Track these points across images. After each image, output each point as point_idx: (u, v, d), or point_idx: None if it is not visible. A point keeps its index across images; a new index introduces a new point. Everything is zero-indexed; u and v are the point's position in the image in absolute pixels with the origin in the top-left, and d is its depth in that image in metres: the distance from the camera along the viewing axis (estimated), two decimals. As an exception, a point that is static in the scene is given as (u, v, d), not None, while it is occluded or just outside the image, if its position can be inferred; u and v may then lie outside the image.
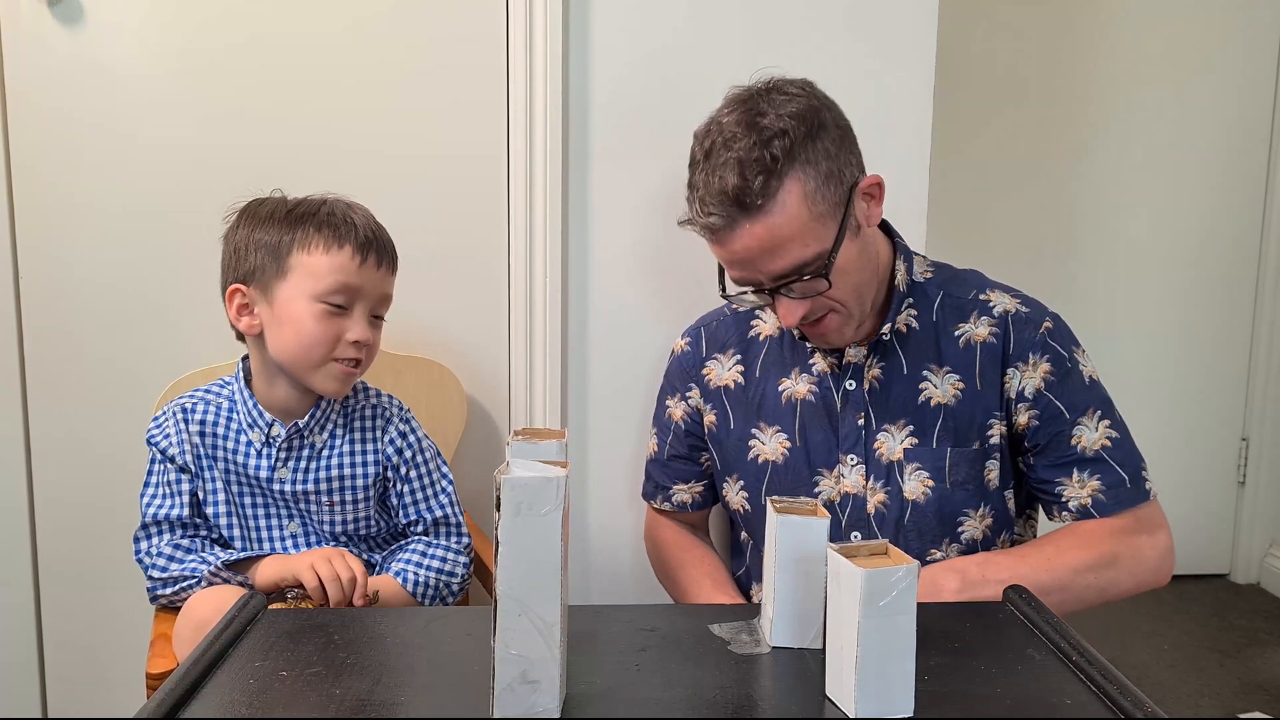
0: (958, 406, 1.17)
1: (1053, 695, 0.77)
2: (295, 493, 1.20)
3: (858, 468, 1.19)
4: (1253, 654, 2.19)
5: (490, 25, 1.48)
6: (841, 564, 0.74)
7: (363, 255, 1.16)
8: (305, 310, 1.15)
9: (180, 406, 1.21)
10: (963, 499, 1.18)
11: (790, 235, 1.07)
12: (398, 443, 1.23)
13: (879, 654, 0.72)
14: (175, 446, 1.19)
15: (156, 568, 1.17)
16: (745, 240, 1.08)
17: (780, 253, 1.08)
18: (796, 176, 1.06)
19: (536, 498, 0.70)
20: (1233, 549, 2.59)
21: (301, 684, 0.77)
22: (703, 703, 0.75)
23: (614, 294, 1.53)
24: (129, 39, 1.44)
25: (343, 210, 1.18)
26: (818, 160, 1.08)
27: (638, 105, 1.48)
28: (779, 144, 1.06)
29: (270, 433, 1.19)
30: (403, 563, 1.22)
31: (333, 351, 1.16)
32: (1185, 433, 2.54)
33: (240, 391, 1.21)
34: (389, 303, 1.22)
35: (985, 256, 1.40)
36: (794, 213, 1.07)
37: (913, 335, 1.19)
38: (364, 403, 1.25)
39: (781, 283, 1.10)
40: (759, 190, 1.05)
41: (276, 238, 1.16)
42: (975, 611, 0.96)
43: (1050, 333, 1.18)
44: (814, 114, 1.09)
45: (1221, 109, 2.46)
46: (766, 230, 1.07)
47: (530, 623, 0.71)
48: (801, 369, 1.23)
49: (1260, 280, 2.52)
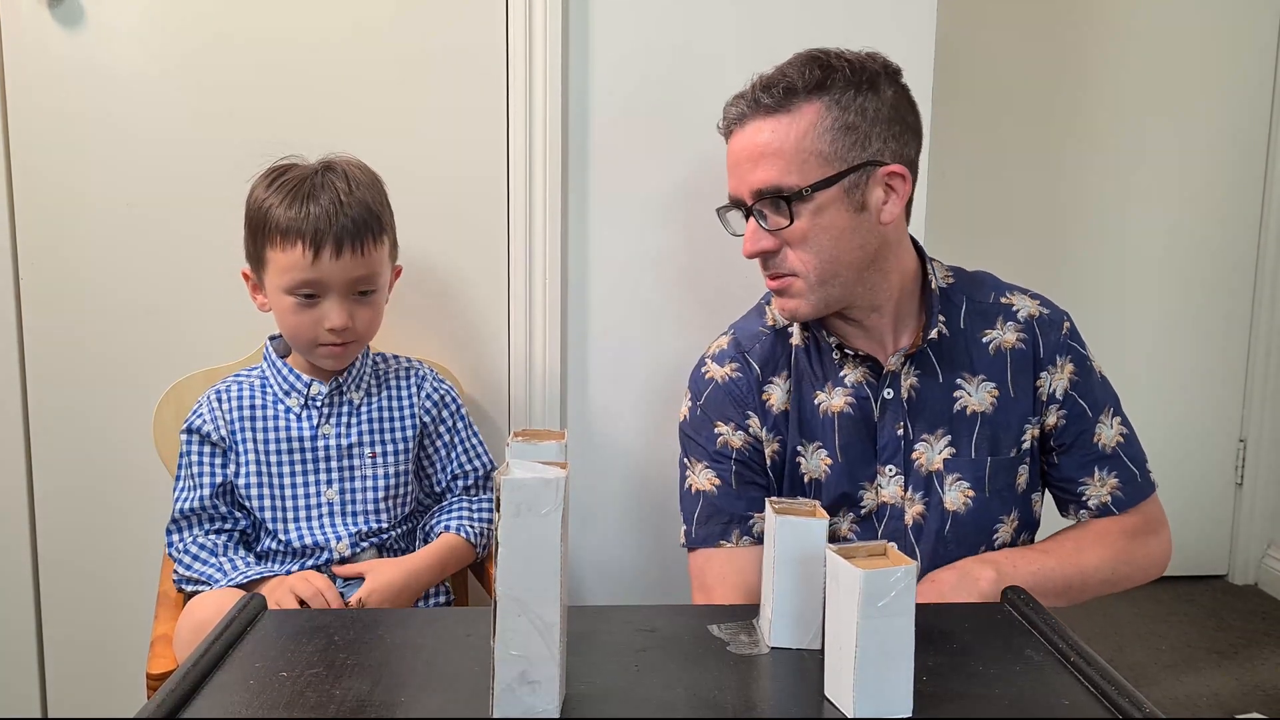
0: (995, 415, 1.17)
1: (1051, 696, 0.77)
2: (340, 448, 1.23)
3: (896, 478, 1.17)
4: (1250, 655, 2.20)
5: (490, 27, 1.48)
6: (840, 565, 0.74)
7: (315, 250, 1.15)
8: (282, 302, 1.19)
9: (215, 392, 1.25)
10: (999, 506, 1.18)
11: (780, 149, 1.08)
12: (434, 397, 1.30)
13: (878, 654, 0.73)
14: (210, 424, 1.22)
15: (182, 564, 1.20)
16: (747, 136, 1.10)
17: (764, 163, 1.09)
18: (819, 104, 1.08)
19: (536, 499, 0.70)
20: (1230, 550, 2.59)
21: (301, 684, 0.77)
22: (702, 703, 0.76)
23: (614, 295, 1.53)
24: (129, 40, 1.44)
25: (308, 190, 1.17)
26: (847, 107, 1.09)
27: (637, 106, 1.49)
28: (820, 70, 1.08)
29: (310, 393, 1.23)
30: (458, 518, 1.27)
31: (316, 336, 1.19)
32: (1183, 434, 2.55)
33: (272, 365, 1.25)
34: (372, 280, 1.20)
35: (985, 256, 1.40)
36: (796, 131, 1.08)
37: (944, 343, 1.18)
38: (396, 366, 1.31)
39: (756, 200, 1.10)
40: (781, 94, 1.08)
41: (255, 224, 1.19)
42: (973, 612, 0.96)
43: (1070, 333, 1.20)
44: (871, 74, 1.10)
45: (1220, 111, 2.46)
46: (766, 135, 1.09)
47: (530, 623, 0.72)
48: (834, 382, 1.18)
49: (1258, 282, 2.52)
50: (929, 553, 1.15)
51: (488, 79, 1.48)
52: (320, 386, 1.23)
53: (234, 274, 1.45)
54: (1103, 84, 2.43)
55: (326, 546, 1.23)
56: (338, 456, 1.23)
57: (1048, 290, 1.26)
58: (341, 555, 1.23)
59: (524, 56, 1.46)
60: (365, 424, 1.25)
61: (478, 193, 1.51)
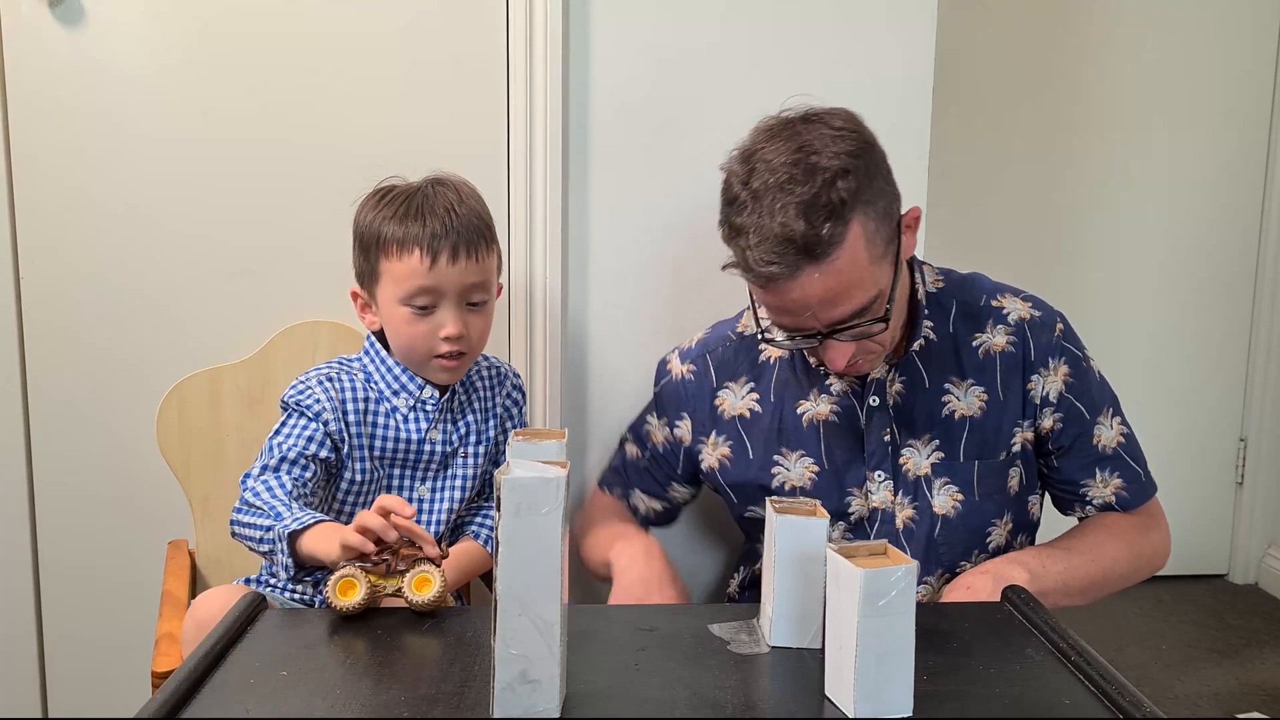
0: (983, 418, 1.17)
1: (1051, 695, 0.77)
2: (444, 453, 1.25)
3: (885, 484, 1.18)
4: (1251, 654, 2.20)
5: (490, 32, 1.48)
6: (841, 564, 0.74)
7: (432, 257, 1.16)
8: (397, 314, 1.18)
9: (324, 375, 1.22)
10: (990, 509, 1.18)
11: (854, 282, 1.02)
12: (513, 396, 1.33)
13: (878, 654, 0.73)
14: (329, 411, 1.19)
15: (251, 491, 1.10)
16: (807, 289, 1.01)
17: (843, 299, 1.02)
18: (859, 220, 1.01)
19: (536, 498, 0.71)
20: (1231, 549, 2.59)
21: (302, 683, 0.78)
22: (702, 702, 0.76)
23: (613, 297, 1.53)
24: (129, 38, 1.44)
25: (419, 202, 1.18)
26: (875, 200, 1.03)
27: (637, 111, 1.48)
28: (844, 186, 0.99)
29: (422, 396, 1.23)
30: (486, 527, 1.27)
31: (431, 348, 1.18)
32: (1183, 434, 2.55)
33: (382, 363, 1.23)
34: (485, 288, 1.21)
35: (984, 257, 1.41)
36: (859, 258, 1.01)
37: (932, 348, 1.18)
38: (481, 366, 1.32)
39: (838, 328, 1.05)
40: (828, 237, 0.99)
41: (366, 241, 1.19)
42: (973, 611, 0.96)
43: (1064, 334, 1.19)
44: (868, 151, 1.04)
45: (1220, 109, 2.46)
46: (833, 278, 1.01)
47: (530, 622, 0.72)
48: (819, 390, 1.20)
49: (1259, 282, 2.52)
50: (920, 556, 1.16)
51: (488, 84, 1.48)
52: (434, 391, 1.23)
53: (238, 272, 1.45)
54: (1102, 85, 2.43)
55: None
56: (440, 459, 1.25)
57: (1047, 291, 1.26)
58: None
59: (524, 62, 1.46)
60: (464, 427, 1.27)
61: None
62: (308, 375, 1.22)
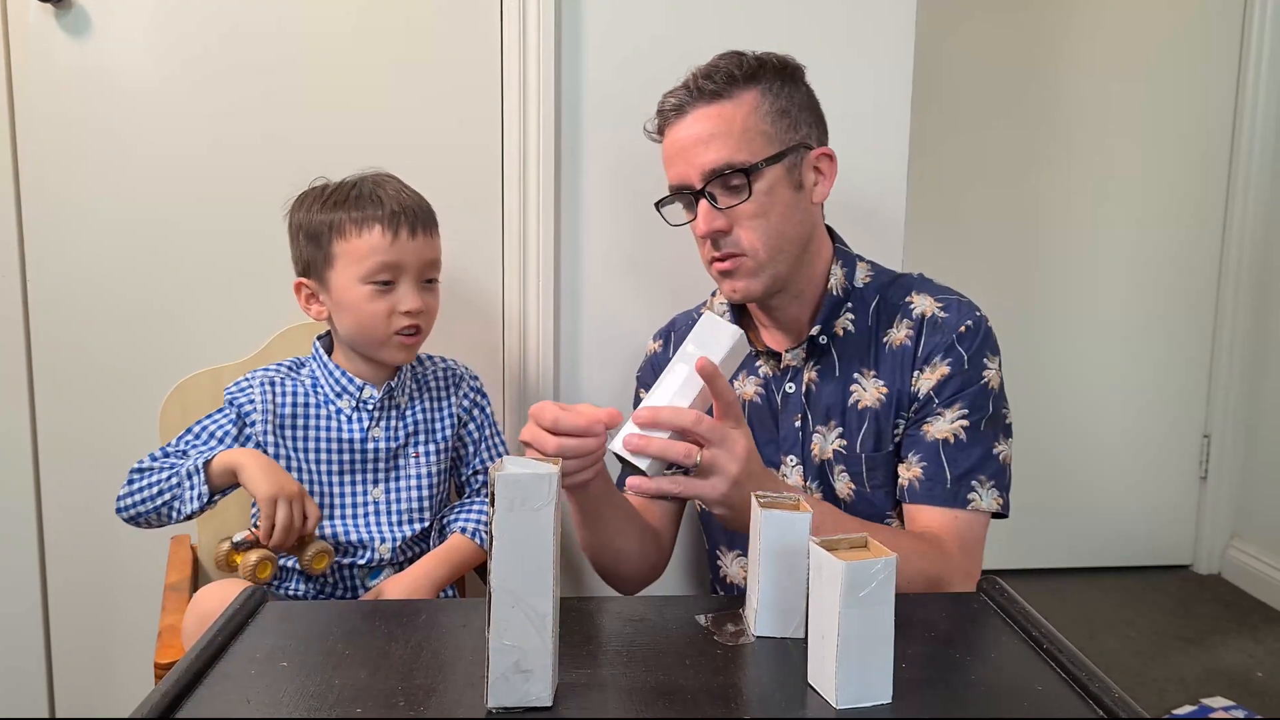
0: (880, 410, 1.19)
1: (1025, 681, 0.80)
2: (389, 449, 1.25)
3: (797, 468, 1.22)
4: (1215, 641, 2.25)
5: (484, 30, 1.49)
6: (823, 556, 0.76)
7: (394, 231, 1.19)
8: (356, 293, 1.20)
9: (267, 379, 1.25)
10: (882, 500, 1.20)
11: (729, 129, 1.13)
12: (472, 396, 1.35)
13: (859, 643, 0.75)
14: (258, 412, 1.23)
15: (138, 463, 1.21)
16: (691, 124, 1.14)
17: (714, 144, 1.13)
18: (756, 91, 1.14)
19: (529, 493, 0.72)
20: (1195, 541, 2.65)
21: (301, 675, 0.79)
22: (690, 690, 0.78)
23: (607, 292, 1.55)
24: (135, 47, 1.44)
25: (369, 188, 1.22)
26: (779, 94, 1.15)
27: (630, 104, 1.50)
28: (754, 61, 1.15)
29: (362, 396, 1.25)
30: (474, 520, 1.28)
31: (390, 325, 1.21)
32: (1149, 430, 2.60)
33: (323, 367, 1.26)
34: (437, 267, 1.26)
35: (960, 257, 1.44)
36: (741, 114, 1.13)
37: (849, 339, 1.21)
38: (436, 367, 1.34)
39: (707, 181, 1.13)
40: (722, 82, 1.13)
41: (316, 230, 1.21)
42: (951, 602, 0.99)
43: (961, 337, 1.16)
44: (792, 68, 1.18)
45: (1187, 115, 2.52)
46: (715, 120, 1.13)
47: (524, 614, 0.73)
48: (749, 371, 1.25)
49: (1221, 288, 2.58)
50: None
51: (482, 81, 1.50)
52: (373, 390, 1.26)
53: (238, 274, 1.46)
54: (1076, 91, 2.48)
55: (370, 545, 1.24)
56: (386, 458, 1.26)
57: (1017, 287, 1.27)
58: (383, 558, 1.25)
59: (518, 58, 1.48)
60: (411, 425, 1.28)
61: (472, 195, 1.52)
62: (254, 374, 1.26)
